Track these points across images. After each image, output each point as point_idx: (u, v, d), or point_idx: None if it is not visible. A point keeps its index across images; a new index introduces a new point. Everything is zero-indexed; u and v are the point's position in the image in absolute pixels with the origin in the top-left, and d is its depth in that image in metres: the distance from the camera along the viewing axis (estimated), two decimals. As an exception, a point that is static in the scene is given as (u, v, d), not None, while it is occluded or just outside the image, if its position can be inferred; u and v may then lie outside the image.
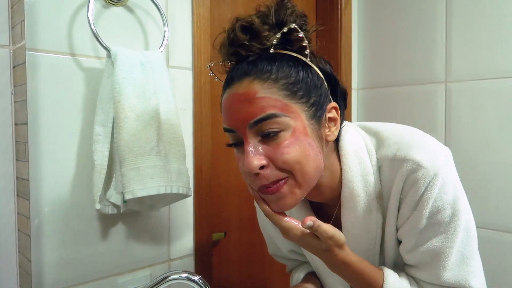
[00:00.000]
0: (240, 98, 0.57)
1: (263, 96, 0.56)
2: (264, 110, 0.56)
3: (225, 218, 1.21)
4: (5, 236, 0.78)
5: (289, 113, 0.57)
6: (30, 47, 0.75)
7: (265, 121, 0.56)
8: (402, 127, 0.69)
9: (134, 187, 0.78)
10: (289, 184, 0.59)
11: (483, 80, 1.22)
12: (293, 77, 0.58)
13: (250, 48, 0.60)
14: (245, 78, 0.58)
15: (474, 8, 1.23)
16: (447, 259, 0.61)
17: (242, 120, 0.57)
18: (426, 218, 0.61)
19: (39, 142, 0.77)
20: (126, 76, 0.80)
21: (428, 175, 0.60)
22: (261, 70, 0.58)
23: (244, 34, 0.59)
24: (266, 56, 0.59)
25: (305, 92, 0.59)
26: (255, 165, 0.56)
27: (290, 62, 0.60)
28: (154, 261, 0.97)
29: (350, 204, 0.66)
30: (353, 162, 0.65)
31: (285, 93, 0.57)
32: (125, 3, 0.89)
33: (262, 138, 0.57)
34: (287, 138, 0.57)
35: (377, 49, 1.47)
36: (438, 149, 0.63)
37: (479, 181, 1.22)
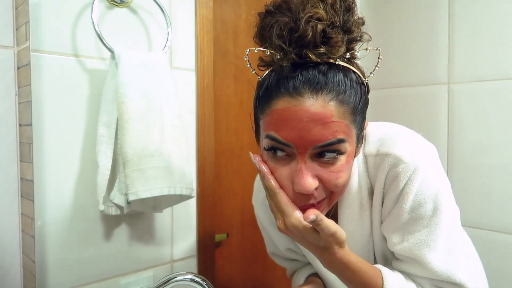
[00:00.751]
0: (313, 118, 0.52)
1: (338, 120, 0.53)
2: (335, 134, 0.53)
3: (228, 219, 1.21)
4: (9, 237, 0.78)
5: (349, 138, 0.55)
6: (34, 48, 0.75)
7: (332, 146, 0.54)
8: (387, 124, 0.69)
9: (137, 188, 0.78)
10: (325, 203, 0.59)
11: (486, 81, 1.22)
12: (357, 101, 0.55)
13: (321, 56, 0.53)
14: (321, 94, 0.52)
15: (477, 9, 1.23)
16: (433, 252, 0.61)
17: (310, 141, 0.53)
18: (408, 212, 0.61)
19: (43, 143, 0.78)
20: (130, 77, 0.80)
21: (408, 169, 0.60)
22: (338, 90, 0.53)
23: (318, 36, 0.52)
24: (337, 69, 0.54)
25: (360, 115, 0.57)
26: (312, 186, 0.54)
27: (356, 81, 0.56)
28: (157, 262, 0.97)
29: (347, 201, 0.67)
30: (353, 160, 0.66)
31: (352, 118, 0.55)
32: (128, 4, 0.89)
33: (318, 159, 0.55)
34: (343, 162, 0.55)
35: (379, 50, 1.47)
36: (420, 144, 0.64)
37: (481, 182, 1.22)
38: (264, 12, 0.56)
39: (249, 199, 0.85)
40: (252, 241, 1.26)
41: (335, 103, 0.53)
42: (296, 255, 0.85)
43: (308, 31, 0.51)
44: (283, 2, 0.55)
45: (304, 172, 0.54)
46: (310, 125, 0.52)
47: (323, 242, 0.56)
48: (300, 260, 0.87)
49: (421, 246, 0.62)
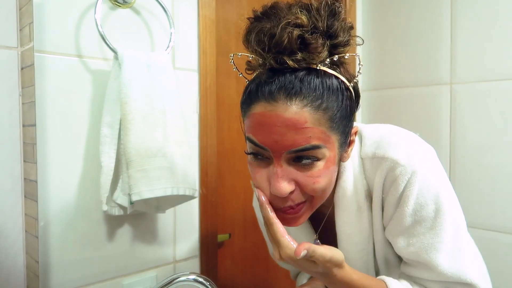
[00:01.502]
0: (286, 123, 0.52)
1: (311, 126, 0.53)
2: (309, 140, 0.53)
3: (230, 220, 1.21)
4: (13, 237, 0.78)
5: (328, 144, 0.55)
6: (38, 49, 0.76)
7: (306, 151, 0.54)
8: (384, 126, 0.69)
9: (141, 189, 0.78)
10: (306, 206, 0.59)
11: (488, 81, 1.22)
12: (337, 107, 0.55)
13: (299, 62, 0.53)
14: (295, 100, 0.53)
15: (479, 10, 1.23)
16: (441, 254, 0.61)
17: (283, 146, 0.54)
18: (410, 215, 0.61)
19: (47, 143, 0.78)
20: (133, 78, 0.80)
21: (407, 172, 0.60)
22: (314, 96, 0.53)
23: (295, 42, 0.52)
24: (315, 75, 0.54)
25: (342, 121, 0.56)
26: (286, 190, 0.55)
27: (337, 87, 0.56)
28: (159, 262, 0.97)
29: (343, 203, 0.66)
30: (347, 163, 0.65)
31: (329, 125, 0.55)
32: (131, 5, 0.89)
33: (295, 163, 0.56)
34: (321, 168, 0.56)
35: (381, 50, 1.47)
36: (416, 146, 0.64)
37: (484, 182, 1.21)
38: (252, 17, 0.57)
39: (251, 199, 0.85)
40: (254, 241, 1.26)
41: (309, 109, 0.53)
42: None
43: (284, 37, 0.52)
44: (270, 8, 0.55)
45: (279, 175, 0.55)
46: (283, 130, 0.53)
47: (321, 268, 0.56)
48: None
49: (429, 250, 0.61)
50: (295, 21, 0.52)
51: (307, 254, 0.52)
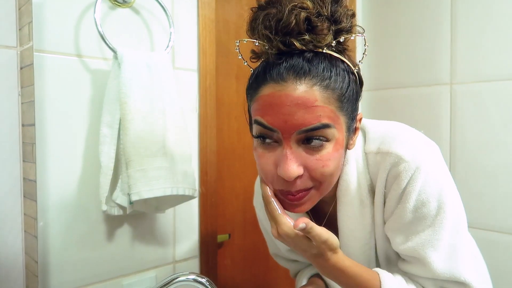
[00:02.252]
0: (296, 102, 0.52)
1: (322, 105, 0.53)
2: (320, 119, 0.53)
3: (230, 220, 1.21)
4: (12, 237, 0.78)
5: (337, 125, 0.55)
6: (37, 49, 0.75)
7: (316, 131, 0.54)
8: (388, 122, 0.69)
9: (140, 189, 0.78)
10: (312, 193, 0.59)
11: (489, 82, 1.21)
12: (344, 88, 0.56)
13: (307, 44, 0.54)
14: (304, 79, 0.53)
15: (479, 10, 1.23)
16: (437, 252, 0.61)
17: (293, 125, 0.53)
18: (411, 212, 0.61)
19: (46, 143, 0.78)
20: (132, 78, 0.80)
21: (410, 168, 0.60)
22: (323, 75, 0.54)
23: (303, 24, 0.53)
24: (323, 57, 0.55)
25: (349, 103, 0.57)
26: (295, 173, 0.54)
27: (344, 70, 0.56)
28: (159, 262, 0.97)
29: (346, 197, 0.66)
30: (351, 158, 0.65)
31: (338, 105, 0.55)
32: (131, 5, 0.89)
33: (305, 145, 0.55)
34: (330, 151, 0.55)
35: (381, 50, 1.47)
36: (421, 143, 0.63)
37: (484, 182, 1.21)
38: (256, 7, 0.57)
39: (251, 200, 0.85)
40: (254, 241, 1.26)
41: (319, 88, 0.53)
42: (297, 256, 0.85)
43: (292, 18, 0.53)
44: None
45: (289, 157, 0.54)
46: (293, 110, 0.53)
47: (316, 249, 0.57)
48: (301, 261, 0.87)
49: (425, 246, 0.61)
50: (301, 4, 0.53)
51: (305, 228, 0.53)
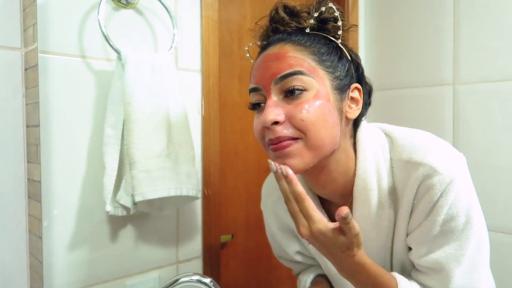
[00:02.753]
0: (271, 57, 0.62)
1: (293, 55, 0.61)
2: (292, 66, 0.59)
3: (233, 220, 1.21)
4: (16, 238, 0.78)
5: (314, 76, 0.60)
6: (41, 50, 0.76)
7: (291, 77, 0.59)
8: (416, 130, 0.69)
9: (144, 189, 0.78)
10: (299, 144, 0.59)
11: (492, 82, 1.21)
12: (323, 50, 0.63)
13: (288, 24, 0.65)
14: (279, 42, 0.63)
15: (482, 10, 1.22)
16: (460, 267, 0.61)
17: (269, 75, 0.60)
18: (440, 225, 0.60)
19: (50, 144, 0.78)
20: (136, 79, 0.80)
21: (444, 181, 0.59)
22: (295, 37, 0.63)
23: (284, 13, 0.65)
24: (301, 32, 0.65)
25: (332, 64, 0.63)
26: (271, 118, 0.58)
27: (322, 41, 0.64)
28: (162, 263, 0.97)
29: (363, 197, 0.65)
30: (369, 154, 0.65)
31: (314, 58, 0.61)
32: (134, 6, 0.89)
33: (285, 96, 0.60)
34: (310, 98, 0.59)
35: (384, 51, 1.47)
36: (453, 155, 0.63)
37: (487, 183, 1.21)
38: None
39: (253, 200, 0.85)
40: (257, 242, 1.26)
41: (291, 43, 0.62)
42: (305, 258, 0.84)
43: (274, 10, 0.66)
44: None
45: (268, 105, 0.59)
46: (269, 64, 0.61)
47: (345, 244, 0.56)
48: (306, 263, 0.87)
49: (449, 260, 0.61)
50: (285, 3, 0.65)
51: (348, 217, 0.52)
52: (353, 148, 0.68)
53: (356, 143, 0.67)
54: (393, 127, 0.71)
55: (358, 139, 0.67)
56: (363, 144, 0.66)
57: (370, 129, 0.69)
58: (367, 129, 0.68)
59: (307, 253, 0.83)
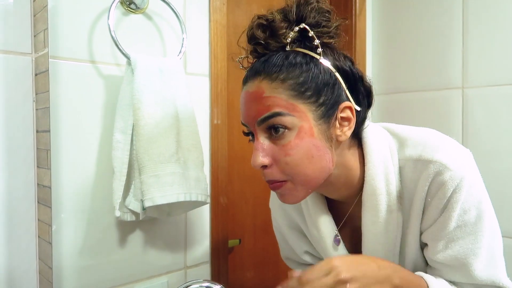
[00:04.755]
0: (250, 97, 0.61)
1: (269, 95, 0.59)
2: (269, 108, 0.59)
3: (240, 225, 1.21)
4: (25, 243, 0.78)
5: (294, 113, 0.58)
6: (51, 55, 0.76)
7: (270, 119, 0.59)
8: (422, 128, 0.69)
9: (153, 195, 0.78)
10: (289, 184, 0.61)
11: (501, 86, 1.20)
12: (302, 77, 0.59)
13: (267, 46, 0.62)
14: (256, 77, 0.61)
15: (491, 14, 1.22)
16: (478, 259, 0.62)
17: (251, 117, 0.61)
18: (455, 220, 0.61)
19: (60, 149, 0.78)
20: (146, 83, 0.80)
21: (456, 177, 0.60)
22: (270, 70, 0.60)
23: (261, 32, 0.62)
24: (279, 54, 0.61)
25: (314, 91, 0.59)
26: (258, 163, 0.60)
27: (303, 60, 0.60)
28: (171, 268, 0.97)
29: (372, 202, 0.65)
30: (377, 160, 0.65)
31: (291, 93, 0.59)
32: (144, 11, 0.90)
33: (270, 136, 0.60)
34: (292, 138, 0.58)
35: (392, 54, 1.46)
36: (462, 151, 0.64)
37: (496, 186, 1.20)
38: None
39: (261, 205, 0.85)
40: (264, 246, 1.25)
41: (266, 81, 0.59)
42: (313, 259, 0.84)
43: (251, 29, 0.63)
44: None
45: (255, 148, 0.61)
46: (249, 105, 0.61)
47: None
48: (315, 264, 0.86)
49: (467, 254, 0.62)
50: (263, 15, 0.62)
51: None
52: (359, 153, 0.67)
53: (364, 150, 0.67)
54: (399, 126, 0.71)
55: (365, 146, 0.66)
56: (371, 151, 0.66)
57: (376, 133, 0.68)
58: (373, 134, 0.67)
59: (315, 253, 0.82)
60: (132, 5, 0.87)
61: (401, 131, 0.69)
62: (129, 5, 0.87)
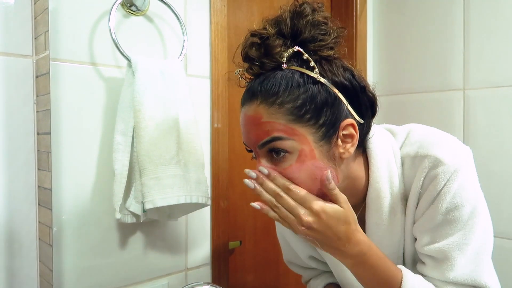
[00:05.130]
0: (249, 120, 0.60)
1: (268, 120, 0.58)
2: (269, 133, 0.58)
3: (241, 227, 1.20)
4: (26, 245, 0.78)
5: (294, 136, 0.58)
6: (52, 57, 0.76)
7: (270, 144, 0.58)
8: (424, 126, 0.70)
9: (154, 197, 0.78)
10: None
11: (502, 87, 1.20)
12: (300, 100, 0.58)
13: (262, 65, 0.60)
14: (254, 100, 0.60)
15: (492, 16, 1.21)
16: (463, 255, 0.61)
17: (252, 141, 0.61)
18: (443, 214, 0.61)
19: (61, 151, 0.78)
20: (146, 85, 0.80)
21: (448, 171, 0.60)
22: (268, 94, 0.58)
23: (255, 51, 0.60)
24: (275, 75, 0.59)
25: (313, 113, 0.58)
26: None
27: (300, 80, 0.58)
28: (171, 270, 0.96)
29: (376, 205, 0.66)
30: (381, 164, 0.65)
31: (290, 118, 0.58)
32: (144, 13, 0.90)
33: (271, 158, 0.60)
34: (293, 162, 0.58)
35: (393, 56, 1.46)
36: (459, 147, 0.64)
37: (497, 188, 1.20)
38: None
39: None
40: (265, 248, 1.25)
41: (264, 105, 0.58)
42: (317, 263, 0.84)
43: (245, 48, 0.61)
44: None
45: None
46: (249, 128, 0.61)
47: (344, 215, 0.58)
48: (318, 269, 0.86)
49: (453, 248, 0.61)
50: (256, 32, 0.60)
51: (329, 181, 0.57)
52: (364, 160, 0.67)
53: (368, 156, 0.67)
54: (401, 126, 0.72)
55: (370, 152, 0.66)
56: (375, 155, 0.66)
57: (379, 137, 0.68)
58: (377, 139, 0.67)
59: (319, 257, 0.82)
60: (133, 7, 0.87)
61: (400, 130, 0.70)
62: (130, 7, 0.87)
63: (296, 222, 0.58)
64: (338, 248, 0.60)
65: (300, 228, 0.58)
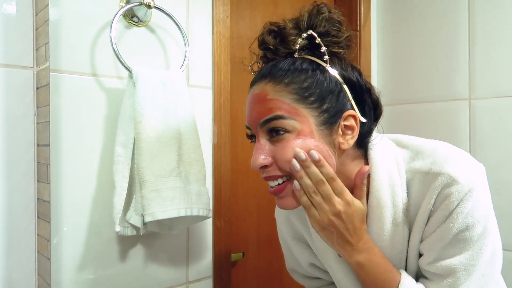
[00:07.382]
0: (255, 99, 0.62)
1: (272, 98, 0.60)
2: (272, 111, 0.60)
3: (243, 238, 1.19)
4: (25, 258, 0.77)
5: (296, 116, 0.59)
6: (53, 68, 0.76)
7: (271, 122, 0.60)
8: (435, 141, 0.68)
9: (154, 209, 0.77)
10: (288, 189, 0.62)
11: (508, 97, 1.19)
12: (306, 82, 0.60)
13: (276, 51, 0.63)
14: (262, 80, 0.62)
15: (497, 25, 1.20)
16: (468, 277, 0.60)
17: (254, 119, 0.62)
18: (454, 234, 0.60)
19: (60, 163, 0.77)
20: (147, 97, 0.80)
21: (463, 191, 0.59)
22: (276, 73, 0.61)
23: (271, 38, 0.63)
24: (287, 60, 0.62)
25: (317, 97, 0.60)
26: (258, 164, 0.61)
27: (309, 67, 0.61)
28: (172, 283, 0.95)
29: (377, 214, 0.65)
30: (382, 172, 0.64)
31: (294, 97, 0.60)
32: (146, 24, 0.89)
33: (270, 138, 0.61)
34: (291, 139, 0.59)
35: (397, 65, 1.45)
36: (473, 165, 0.63)
37: (503, 198, 1.17)
38: None
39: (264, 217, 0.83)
40: (267, 260, 1.23)
41: (271, 83, 0.61)
42: (319, 272, 0.82)
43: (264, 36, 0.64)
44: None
45: (256, 149, 0.62)
46: (253, 106, 0.62)
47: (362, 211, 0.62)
48: (320, 279, 0.84)
49: (459, 268, 0.60)
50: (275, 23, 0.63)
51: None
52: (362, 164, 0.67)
53: (369, 162, 0.66)
54: (410, 137, 0.71)
55: (370, 158, 0.66)
56: (376, 163, 0.65)
57: (382, 144, 0.67)
58: (379, 145, 0.67)
59: (320, 265, 0.80)
60: (135, 18, 0.87)
61: (412, 143, 0.68)
62: (132, 18, 0.87)
63: (328, 211, 0.60)
64: (351, 243, 0.62)
65: (330, 217, 0.60)
